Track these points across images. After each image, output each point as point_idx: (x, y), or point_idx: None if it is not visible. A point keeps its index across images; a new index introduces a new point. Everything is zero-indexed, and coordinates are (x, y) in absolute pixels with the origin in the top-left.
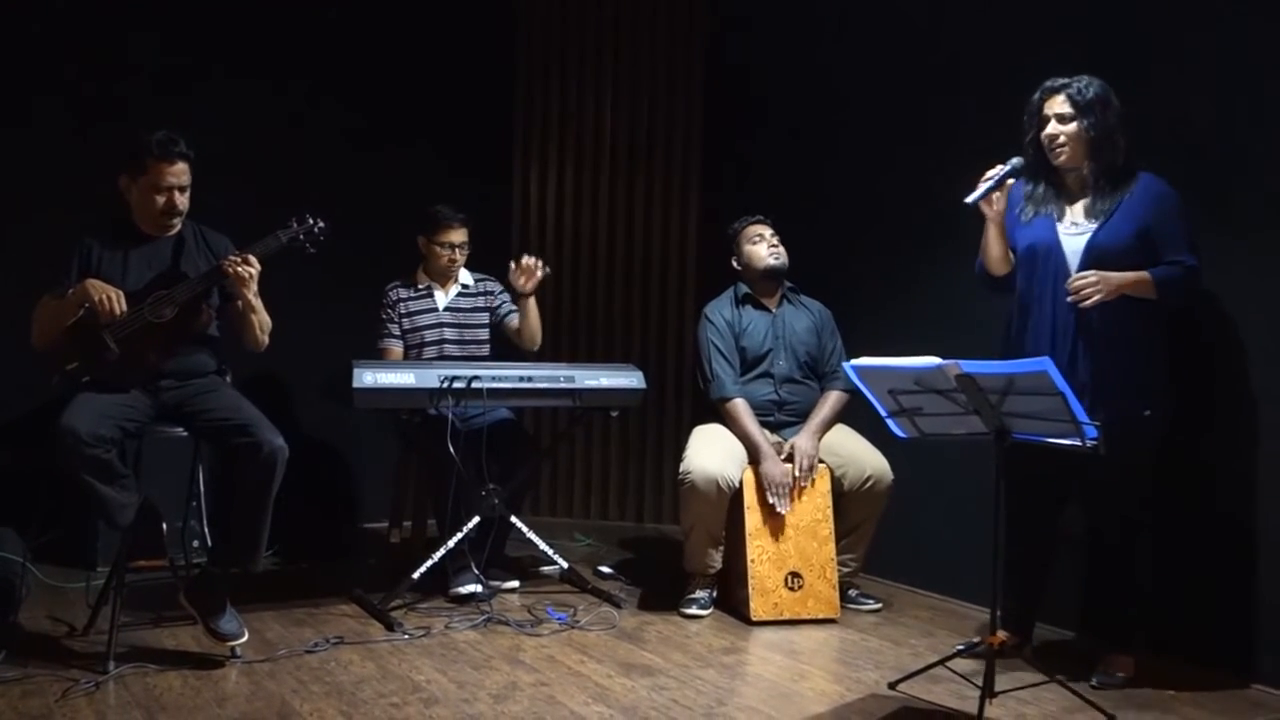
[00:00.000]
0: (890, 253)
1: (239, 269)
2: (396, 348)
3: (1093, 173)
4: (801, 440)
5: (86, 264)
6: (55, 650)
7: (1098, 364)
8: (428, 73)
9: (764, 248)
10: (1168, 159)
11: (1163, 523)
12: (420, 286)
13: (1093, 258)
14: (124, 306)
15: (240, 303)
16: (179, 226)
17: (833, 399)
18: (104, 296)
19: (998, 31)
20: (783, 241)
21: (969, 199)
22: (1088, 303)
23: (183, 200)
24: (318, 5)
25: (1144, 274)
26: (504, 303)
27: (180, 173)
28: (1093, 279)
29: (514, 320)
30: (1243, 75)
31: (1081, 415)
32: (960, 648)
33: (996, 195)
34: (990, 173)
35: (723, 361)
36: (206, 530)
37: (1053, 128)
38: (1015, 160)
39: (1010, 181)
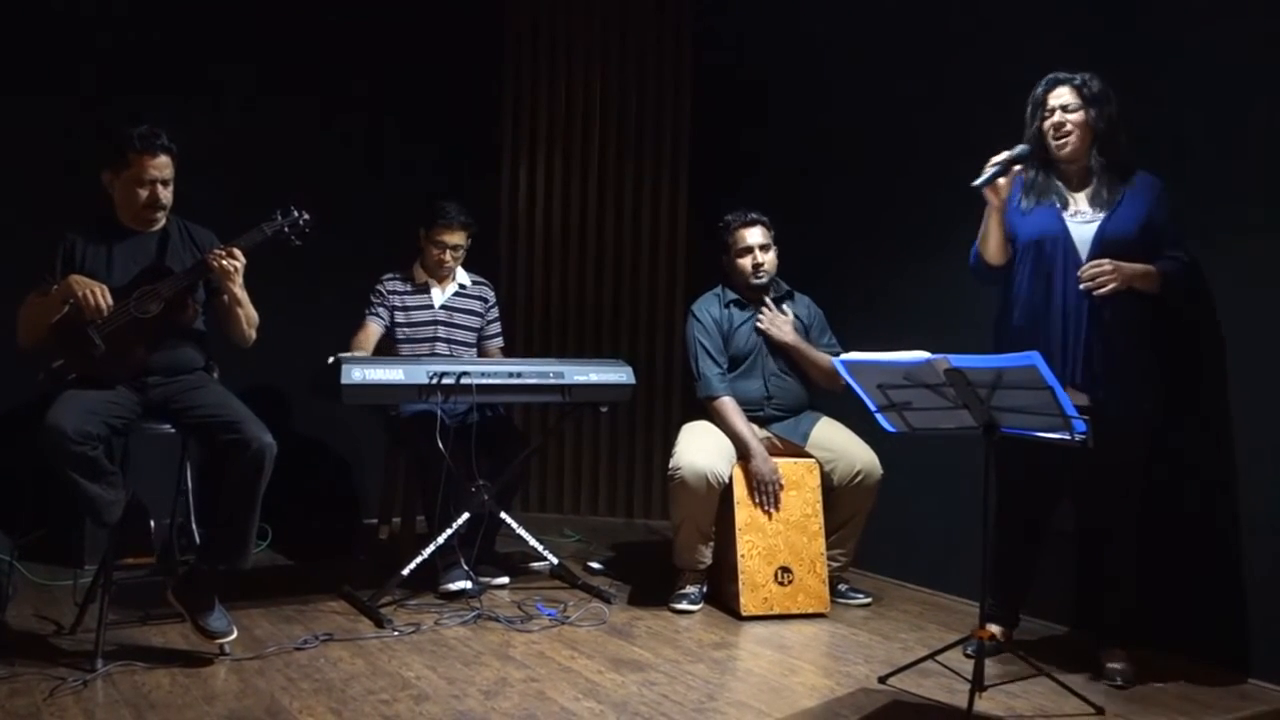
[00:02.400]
0: (880, 248)
1: (224, 262)
2: (375, 326)
3: (1096, 164)
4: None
5: (70, 260)
6: (43, 649)
7: (1109, 354)
8: (416, 68)
9: (749, 263)
10: (1157, 159)
11: (1156, 517)
12: (418, 283)
13: (1103, 246)
14: (108, 301)
15: (226, 297)
16: (163, 221)
17: (826, 357)
18: (87, 292)
19: (993, 27)
20: (773, 238)
21: (975, 183)
22: (1103, 290)
23: (166, 194)
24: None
25: (1151, 267)
26: (494, 321)
27: (163, 166)
28: (1108, 267)
29: (493, 346)
30: (1234, 76)
31: (1070, 409)
32: (967, 651)
33: (1002, 182)
34: (997, 158)
35: (709, 360)
36: (195, 527)
37: (1059, 116)
38: (1022, 146)
39: (1017, 168)
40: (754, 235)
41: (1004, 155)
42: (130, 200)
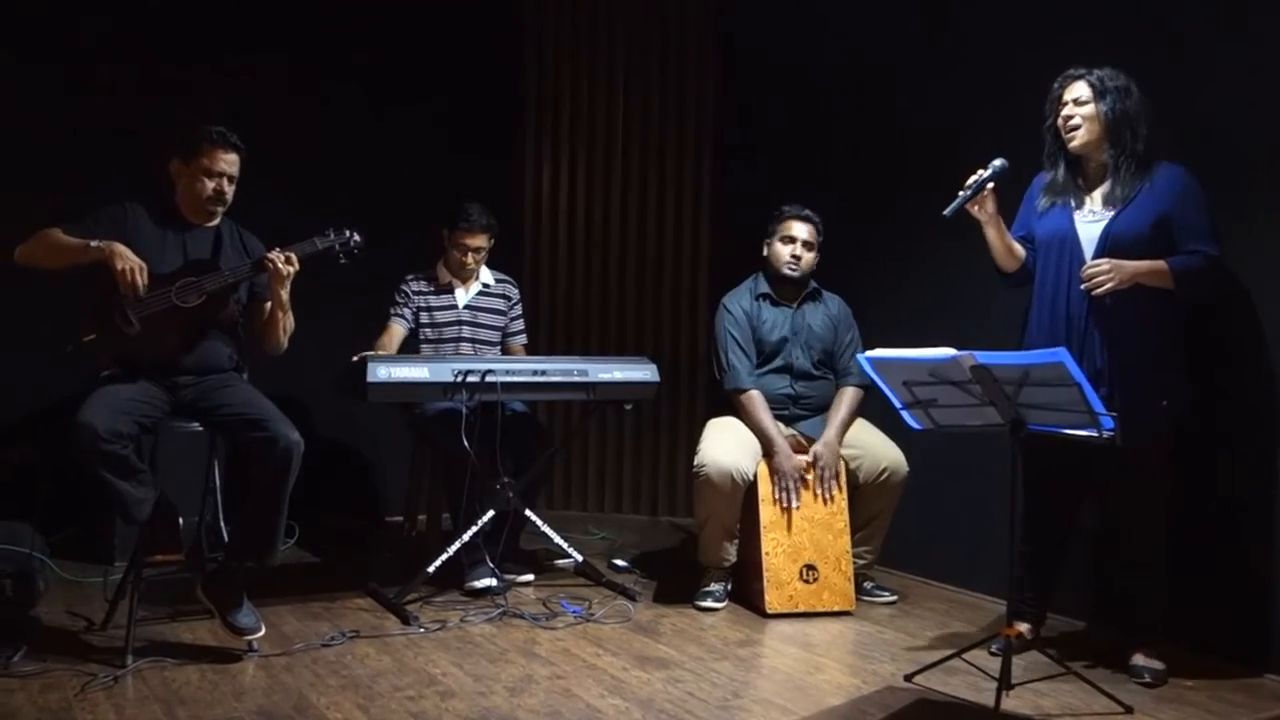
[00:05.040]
0: (905, 242)
1: (282, 265)
2: (400, 327)
3: (1112, 159)
4: (821, 448)
5: (120, 224)
6: (74, 645)
7: (1112, 352)
8: (438, 64)
9: (787, 253)
10: (1183, 152)
11: (1177, 514)
12: (441, 283)
13: (1108, 246)
14: (146, 281)
15: (270, 302)
16: (219, 219)
17: (849, 396)
18: (128, 267)
19: (1010, 19)
20: (820, 244)
21: (946, 211)
22: (1100, 291)
23: (229, 190)
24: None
25: (1160, 263)
26: (518, 319)
27: (232, 162)
28: (1105, 266)
29: (516, 343)
30: (1258, 67)
31: (1098, 406)
32: (994, 649)
33: (985, 195)
34: (970, 180)
35: (739, 352)
36: (223, 524)
37: (1069, 110)
38: (997, 163)
39: (991, 186)
40: (801, 229)
41: (977, 177)
42: (195, 191)
